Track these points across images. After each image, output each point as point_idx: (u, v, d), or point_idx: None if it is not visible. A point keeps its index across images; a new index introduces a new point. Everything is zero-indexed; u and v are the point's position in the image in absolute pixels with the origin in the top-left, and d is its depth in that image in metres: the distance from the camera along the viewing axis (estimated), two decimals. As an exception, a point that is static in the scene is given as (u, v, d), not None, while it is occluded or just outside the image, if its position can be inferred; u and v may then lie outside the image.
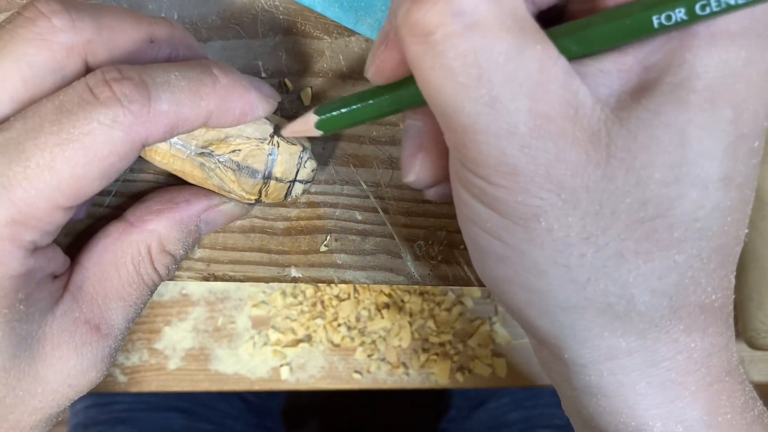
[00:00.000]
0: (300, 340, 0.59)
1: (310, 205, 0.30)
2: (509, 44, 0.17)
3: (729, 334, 0.22)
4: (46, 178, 0.20)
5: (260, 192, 0.26)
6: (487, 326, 0.60)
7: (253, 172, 0.25)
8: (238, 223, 0.30)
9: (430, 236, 0.30)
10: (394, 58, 0.21)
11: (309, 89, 0.29)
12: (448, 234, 0.30)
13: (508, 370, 0.60)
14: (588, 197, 0.19)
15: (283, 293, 0.59)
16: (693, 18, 0.18)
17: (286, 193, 0.26)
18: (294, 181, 0.26)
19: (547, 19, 0.20)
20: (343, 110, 0.23)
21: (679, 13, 0.18)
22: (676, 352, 0.21)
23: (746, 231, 0.21)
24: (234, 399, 0.69)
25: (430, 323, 0.60)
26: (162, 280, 0.27)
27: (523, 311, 0.22)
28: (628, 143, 0.18)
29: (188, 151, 0.25)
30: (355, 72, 0.29)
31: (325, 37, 0.28)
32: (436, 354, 0.59)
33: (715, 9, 0.17)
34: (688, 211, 0.19)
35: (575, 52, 0.19)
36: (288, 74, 0.29)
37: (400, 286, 0.60)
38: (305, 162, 0.26)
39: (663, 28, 0.18)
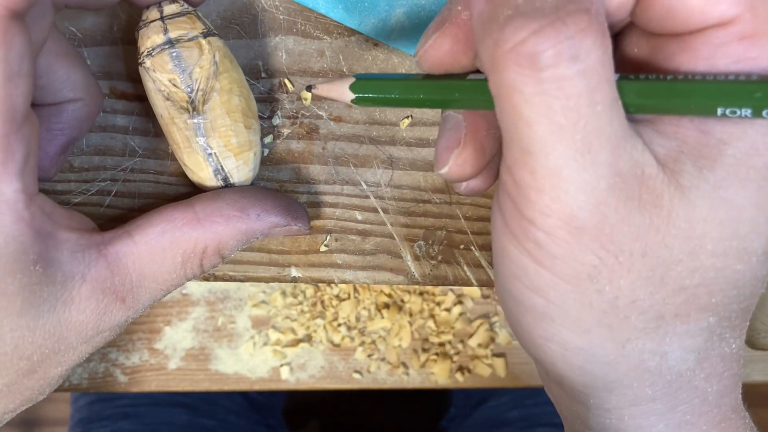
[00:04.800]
0: (300, 340, 0.59)
1: (310, 205, 0.30)
2: (606, 96, 0.17)
3: (740, 373, 0.22)
4: None
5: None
6: (487, 326, 0.60)
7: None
8: (238, 223, 0.30)
9: (430, 236, 0.30)
10: (443, 47, 0.20)
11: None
12: (448, 234, 0.30)
13: (508, 370, 0.60)
14: (643, 262, 0.19)
15: (283, 293, 0.59)
16: (758, 116, 0.18)
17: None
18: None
19: None
20: (381, 85, 0.23)
21: (746, 112, 0.17)
22: (694, 396, 0.21)
23: None
24: (236, 395, 0.69)
25: (430, 323, 0.60)
26: (201, 276, 0.27)
27: (556, 364, 0.22)
28: (688, 213, 0.18)
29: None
30: (354, 72, 0.29)
31: (325, 37, 0.28)
32: (436, 354, 0.59)
33: None
34: (730, 281, 0.19)
35: (632, 110, 0.19)
36: (288, 74, 0.29)
37: (400, 286, 0.60)
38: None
39: (725, 117, 0.18)
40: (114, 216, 0.29)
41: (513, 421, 0.67)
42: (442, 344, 0.60)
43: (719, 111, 0.18)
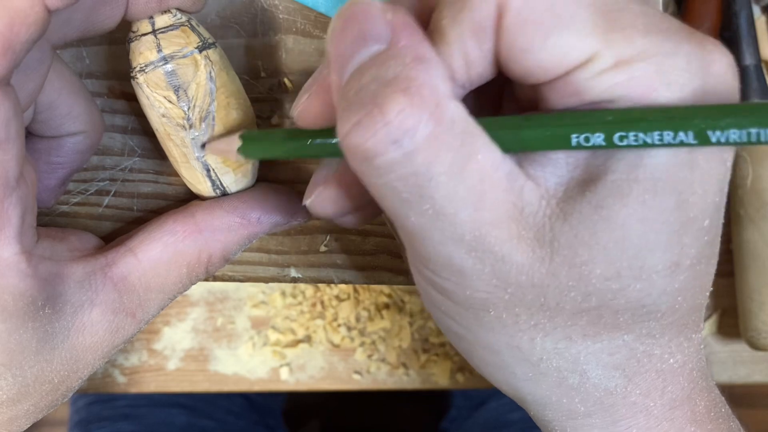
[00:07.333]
0: (300, 341, 0.59)
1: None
2: (449, 164, 0.17)
3: (691, 386, 0.22)
4: None
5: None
6: (487, 326, 0.60)
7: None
8: (238, 223, 0.30)
9: (430, 236, 0.30)
10: (316, 108, 0.21)
11: (309, 89, 0.29)
12: (449, 234, 0.30)
13: (509, 370, 0.60)
14: (533, 291, 0.19)
15: (283, 293, 0.59)
16: (611, 146, 0.17)
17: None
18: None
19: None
20: (266, 144, 0.23)
21: (598, 138, 0.17)
22: (635, 412, 0.21)
23: (710, 290, 0.21)
24: (236, 396, 0.69)
25: (431, 323, 0.60)
26: (206, 279, 0.27)
27: (488, 377, 0.23)
28: (569, 240, 0.18)
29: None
30: (355, 71, 0.29)
31: (325, 36, 0.28)
32: (437, 354, 0.59)
33: (632, 143, 0.17)
34: (632, 300, 0.19)
35: (516, 149, 0.19)
36: (288, 74, 0.29)
37: (400, 286, 0.60)
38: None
39: (581, 148, 0.18)
40: (113, 216, 0.28)
41: (513, 423, 0.67)
42: (442, 345, 0.60)
43: (573, 140, 0.18)
